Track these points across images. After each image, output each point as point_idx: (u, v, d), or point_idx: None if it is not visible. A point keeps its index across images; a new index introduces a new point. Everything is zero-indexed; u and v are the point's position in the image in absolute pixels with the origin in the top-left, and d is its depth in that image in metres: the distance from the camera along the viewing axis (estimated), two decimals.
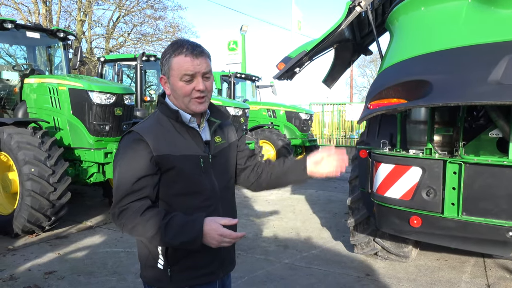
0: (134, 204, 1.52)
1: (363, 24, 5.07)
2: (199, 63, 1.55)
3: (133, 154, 1.55)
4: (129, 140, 1.59)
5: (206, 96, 1.61)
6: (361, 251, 4.63)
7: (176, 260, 1.61)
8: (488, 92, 2.68)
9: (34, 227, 5.16)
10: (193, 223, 1.48)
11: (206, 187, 1.63)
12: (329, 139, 17.55)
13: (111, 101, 5.99)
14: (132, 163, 1.55)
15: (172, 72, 1.57)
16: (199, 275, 1.65)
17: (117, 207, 1.54)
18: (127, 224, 1.52)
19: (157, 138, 1.57)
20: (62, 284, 3.84)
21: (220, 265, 1.71)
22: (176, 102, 1.63)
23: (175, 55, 1.56)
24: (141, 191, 1.53)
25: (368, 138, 4.44)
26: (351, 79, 32.65)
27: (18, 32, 6.38)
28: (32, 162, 5.03)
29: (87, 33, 22.16)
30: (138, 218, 1.50)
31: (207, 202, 1.63)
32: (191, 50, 1.55)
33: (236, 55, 17.25)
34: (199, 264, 1.65)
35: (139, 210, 1.51)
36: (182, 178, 1.59)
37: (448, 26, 3.35)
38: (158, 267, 1.62)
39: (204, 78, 1.59)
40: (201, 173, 1.62)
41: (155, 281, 1.67)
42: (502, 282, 3.97)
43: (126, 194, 1.53)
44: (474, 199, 3.14)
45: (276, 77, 5.13)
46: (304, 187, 9.62)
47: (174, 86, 1.59)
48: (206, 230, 1.46)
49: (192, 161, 1.60)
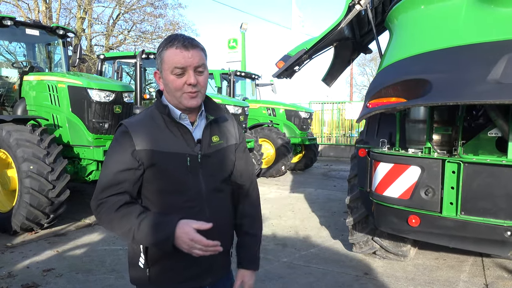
0: (112, 198, 1.50)
1: (362, 23, 5.06)
2: (190, 56, 1.49)
3: (117, 147, 1.54)
4: (117, 133, 1.58)
5: (199, 91, 1.55)
6: (359, 250, 4.63)
7: (155, 260, 1.57)
8: (487, 91, 2.67)
9: (33, 224, 5.16)
10: (166, 225, 1.43)
11: (190, 187, 1.56)
12: (328, 138, 17.55)
13: (110, 98, 5.99)
14: (115, 156, 1.53)
15: (164, 65, 1.52)
16: (181, 278, 1.59)
17: (96, 199, 1.53)
18: (103, 219, 1.51)
19: (144, 132, 1.53)
20: (60, 281, 3.84)
21: (207, 269, 1.63)
22: (169, 97, 1.58)
23: (167, 48, 1.51)
24: (119, 185, 1.50)
25: (367, 137, 4.44)
26: (351, 78, 32.66)
27: (17, 29, 6.37)
28: (31, 159, 5.02)
29: (87, 31, 22.15)
30: (113, 214, 1.47)
31: (191, 203, 1.55)
32: (182, 42, 1.50)
33: (236, 53, 17.22)
34: (179, 266, 1.58)
35: (115, 206, 1.48)
36: (164, 175, 1.53)
37: (447, 24, 3.34)
38: (139, 265, 1.59)
39: (196, 72, 1.53)
40: (187, 172, 1.55)
41: (136, 280, 1.64)
42: (500, 282, 3.97)
43: (105, 187, 1.51)
44: (473, 199, 3.13)
45: (276, 76, 5.12)
46: (303, 186, 9.63)
47: (165, 80, 1.54)
48: (178, 233, 1.40)
49: (177, 159, 1.54)
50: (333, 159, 16.15)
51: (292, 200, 7.96)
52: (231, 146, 1.71)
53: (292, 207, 7.27)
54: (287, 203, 7.61)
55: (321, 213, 6.82)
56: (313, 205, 7.44)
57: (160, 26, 24.28)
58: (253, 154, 9.53)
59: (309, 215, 6.68)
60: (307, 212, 6.94)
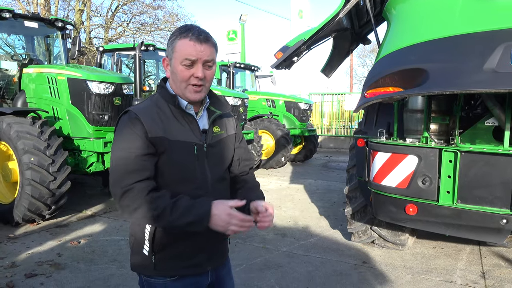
0: (139, 184, 1.47)
1: (361, 13, 5.05)
2: (202, 50, 1.51)
3: (130, 133, 1.51)
4: (125, 120, 1.55)
5: (203, 86, 1.57)
6: (358, 239, 4.68)
7: (161, 248, 1.58)
8: (483, 81, 2.70)
9: (35, 216, 5.20)
10: (201, 204, 1.48)
11: (198, 176, 1.59)
12: (328, 129, 17.57)
13: (109, 90, 6.01)
14: (131, 142, 1.50)
15: (175, 54, 1.53)
16: (184, 265, 1.62)
17: (119, 187, 1.48)
18: (129, 205, 1.47)
19: (153, 119, 1.53)
20: (63, 271, 3.90)
21: (208, 258, 1.67)
22: (175, 86, 1.60)
23: (181, 38, 1.52)
24: (143, 172, 1.49)
25: (365, 127, 4.47)
26: (351, 69, 32.54)
27: (16, 21, 6.36)
28: (31, 151, 5.05)
29: (85, 23, 22.05)
30: (143, 198, 1.45)
31: (198, 192, 1.57)
32: (197, 35, 1.52)
33: (235, 45, 17.17)
34: (184, 255, 1.61)
35: (144, 191, 1.46)
36: (173, 163, 1.55)
37: (444, 14, 3.34)
38: (143, 253, 1.60)
39: (205, 66, 1.55)
40: (194, 161, 1.58)
41: (140, 268, 1.65)
42: (497, 270, 4.02)
43: (128, 171, 1.48)
44: (469, 187, 3.17)
45: (274, 66, 5.13)
46: (303, 177, 9.67)
47: (174, 69, 1.56)
48: (215, 211, 1.45)
49: (185, 147, 1.56)
50: (333, 150, 16.19)
51: (291, 191, 8.01)
52: (231, 136, 1.77)
53: (292, 198, 7.32)
54: (287, 194, 7.66)
55: (320, 203, 6.87)
56: (313, 196, 7.49)
57: (159, 18, 24.20)
58: (252, 146, 9.56)
59: (309, 206, 6.73)
60: (307, 202, 6.99)
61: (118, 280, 3.70)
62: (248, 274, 3.83)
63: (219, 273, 1.77)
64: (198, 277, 1.67)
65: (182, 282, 1.62)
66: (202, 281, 1.69)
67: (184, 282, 1.62)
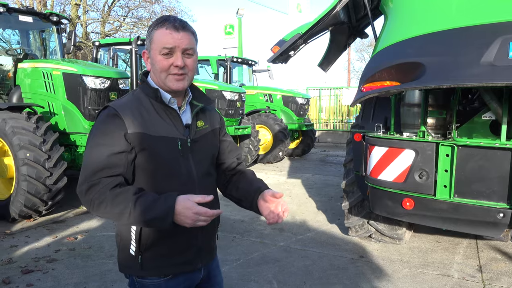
0: (105, 179, 1.43)
1: (358, 7, 5.02)
2: (180, 38, 1.48)
3: (107, 129, 1.48)
4: (103, 115, 1.51)
5: (186, 74, 1.53)
6: (355, 233, 4.68)
7: (149, 246, 1.54)
8: (480, 74, 2.68)
9: (31, 211, 5.19)
10: (165, 199, 1.40)
11: (183, 172, 1.55)
12: (326, 124, 17.56)
13: (105, 85, 5.98)
14: (106, 138, 1.46)
15: (153, 45, 1.51)
16: (173, 263, 1.58)
17: (86, 182, 1.43)
18: (94, 200, 1.41)
19: (133, 115, 1.49)
20: (59, 267, 3.89)
21: (197, 254, 1.64)
22: (156, 79, 1.56)
23: (157, 28, 1.50)
24: (114, 169, 1.45)
25: (362, 121, 4.45)
26: (348, 64, 32.44)
27: (10, 16, 6.29)
28: (27, 147, 5.02)
29: (82, 18, 21.89)
30: (108, 193, 1.40)
31: (183, 188, 1.52)
32: (173, 23, 1.49)
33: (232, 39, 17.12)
34: (173, 252, 1.57)
35: (109, 185, 1.42)
36: (157, 160, 1.51)
37: (441, 8, 3.32)
38: (130, 252, 1.56)
39: (185, 54, 1.51)
40: (179, 156, 1.55)
41: (126, 268, 1.61)
42: (493, 263, 4.03)
43: (97, 169, 1.43)
44: (466, 181, 3.17)
45: (271, 60, 5.10)
46: (300, 171, 9.67)
47: (153, 60, 1.52)
48: (179, 209, 1.37)
49: (169, 143, 1.52)
50: (330, 145, 16.19)
51: (289, 185, 8.00)
52: (216, 130, 1.74)
53: (290, 193, 7.31)
54: (284, 189, 7.65)
55: (318, 198, 6.87)
56: (310, 191, 7.49)
57: (156, 12, 24.01)
58: (250, 141, 9.54)
59: (306, 200, 6.73)
60: (304, 197, 6.99)
61: (115, 275, 3.69)
62: (246, 269, 3.83)
63: (209, 268, 1.76)
64: (191, 274, 1.65)
65: (175, 281, 1.60)
66: (195, 278, 1.68)
67: (177, 281, 1.60)
